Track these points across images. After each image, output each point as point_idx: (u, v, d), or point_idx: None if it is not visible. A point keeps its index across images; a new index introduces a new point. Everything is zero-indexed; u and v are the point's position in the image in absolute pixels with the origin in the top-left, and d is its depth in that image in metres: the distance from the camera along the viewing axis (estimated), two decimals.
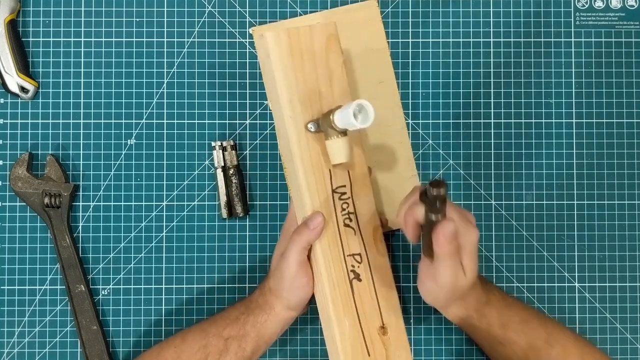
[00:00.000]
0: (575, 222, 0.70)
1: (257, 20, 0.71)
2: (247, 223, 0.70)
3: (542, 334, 0.60)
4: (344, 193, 0.61)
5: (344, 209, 0.61)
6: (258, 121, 0.70)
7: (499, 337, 0.60)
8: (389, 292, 0.63)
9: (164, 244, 0.70)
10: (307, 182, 0.59)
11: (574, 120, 0.71)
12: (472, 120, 0.71)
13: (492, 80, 0.71)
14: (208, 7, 0.71)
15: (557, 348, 0.60)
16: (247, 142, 0.70)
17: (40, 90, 0.70)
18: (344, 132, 0.58)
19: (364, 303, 0.60)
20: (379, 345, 0.61)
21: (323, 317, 0.61)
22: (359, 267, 0.61)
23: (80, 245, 0.70)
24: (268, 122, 0.70)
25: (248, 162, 0.70)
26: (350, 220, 0.61)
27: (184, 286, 0.70)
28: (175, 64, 0.71)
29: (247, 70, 0.70)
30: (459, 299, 0.58)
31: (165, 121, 0.70)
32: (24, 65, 0.69)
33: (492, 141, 0.71)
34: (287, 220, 0.64)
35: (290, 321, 0.62)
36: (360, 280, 0.61)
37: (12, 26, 0.69)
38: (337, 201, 0.61)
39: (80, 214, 0.70)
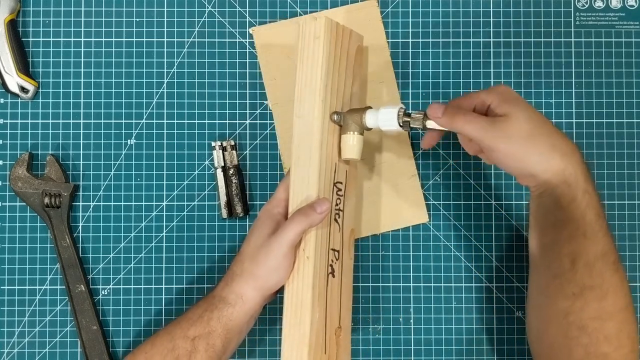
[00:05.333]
0: None
1: (257, 20, 0.71)
2: (247, 223, 0.70)
3: (614, 253, 0.55)
4: (340, 189, 0.62)
5: (337, 204, 0.62)
6: (258, 121, 0.70)
7: (588, 226, 0.54)
8: (348, 296, 0.64)
9: (164, 244, 0.70)
10: (320, 167, 0.59)
11: (574, 120, 0.71)
12: None
13: (492, 80, 0.71)
14: (208, 7, 0.71)
15: (619, 275, 0.55)
16: (247, 142, 0.70)
17: (40, 90, 0.70)
18: (361, 132, 0.61)
19: (332, 300, 0.61)
20: (333, 344, 0.61)
21: (293, 304, 0.59)
22: (335, 263, 0.62)
23: (80, 245, 0.70)
24: (268, 122, 0.70)
25: (248, 162, 0.70)
26: (339, 216, 0.62)
27: (184, 286, 0.70)
28: (175, 64, 0.71)
29: (247, 70, 0.70)
30: (550, 150, 0.55)
31: (165, 121, 0.70)
32: (24, 65, 0.69)
33: None
34: (271, 202, 0.62)
35: (259, 309, 0.61)
36: (334, 276, 0.61)
37: (12, 26, 0.69)
38: (334, 195, 0.61)
39: (80, 214, 0.70)
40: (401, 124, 0.60)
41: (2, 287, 0.69)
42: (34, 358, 0.69)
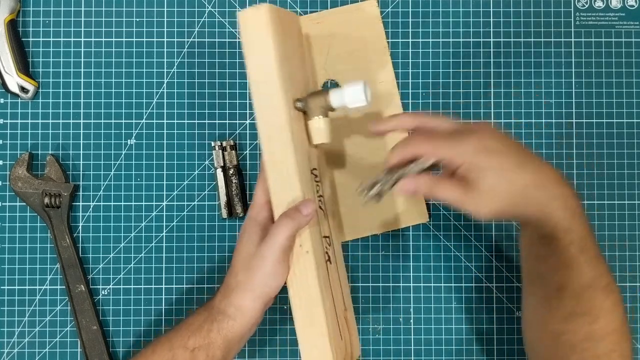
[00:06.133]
0: None
1: None
2: None
3: (605, 278, 0.55)
4: (317, 176, 0.62)
5: (317, 191, 0.61)
6: None
7: (571, 260, 0.54)
8: (344, 276, 0.64)
9: (164, 244, 0.70)
10: (296, 161, 0.57)
11: (574, 120, 0.71)
12: (472, 120, 0.71)
13: (492, 80, 0.71)
14: (208, 7, 0.71)
15: (611, 298, 0.55)
16: (247, 142, 0.70)
17: (40, 90, 0.70)
18: (326, 114, 0.60)
19: (335, 285, 0.61)
20: (345, 328, 0.61)
21: (302, 302, 0.58)
22: (329, 249, 0.61)
23: (80, 245, 0.70)
24: None
25: (248, 162, 0.70)
26: (322, 202, 0.62)
27: (184, 286, 0.70)
28: (175, 64, 0.71)
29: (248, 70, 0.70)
30: (528, 205, 0.54)
31: (165, 121, 0.70)
32: (24, 65, 0.69)
33: None
34: (253, 209, 0.60)
35: (261, 316, 0.59)
36: (330, 262, 0.61)
37: (12, 26, 0.69)
38: (313, 183, 0.61)
39: (80, 214, 0.70)
40: (371, 197, 0.57)
41: (2, 287, 0.69)
42: (34, 358, 0.69)
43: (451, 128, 0.57)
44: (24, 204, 0.69)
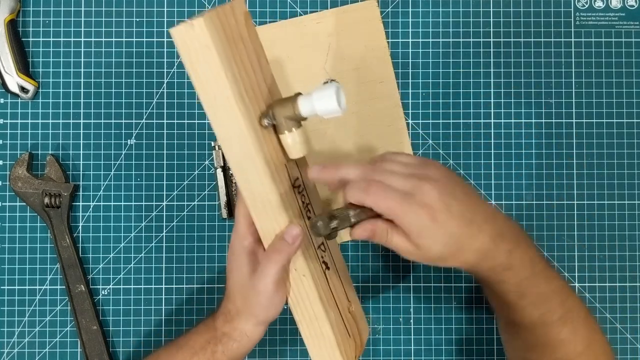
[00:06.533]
0: (575, 222, 0.70)
1: (257, 20, 0.71)
2: None
3: (558, 310, 0.56)
4: (299, 185, 0.57)
5: (303, 202, 0.58)
6: None
7: (513, 304, 0.55)
8: (345, 270, 0.63)
9: (164, 244, 0.70)
10: (276, 187, 0.52)
11: (574, 120, 0.71)
12: (472, 120, 0.71)
13: (492, 80, 0.71)
14: (208, 7, 0.71)
15: (568, 328, 0.56)
16: None
17: (40, 90, 0.70)
18: (298, 124, 0.53)
19: (336, 288, 0.60)
20: (351, 322, 0.61)
21: (306, 320, 0.58)
22: (325, 255, 0.60)
23: (80, 245, 0.70)
24: None
25: None
26: (309, 211, 0.58)
27: (184, 286, 0.70)
28: (175, 64, 0.71)
29: None
30: (464, 262, 0.53)
31: (165, 121, 0.70)
32: (24, 65, 0.69)
33: (492, 141, 0.71)
34: (236, 237, 0.57)
35: (262, 335, 0.59)
36: (329, 268, 0.60)
37: (12, 26, 0.69)
38: (297, 196, 0.56)
39: (80, 214, 0.70)
40: (326, 232, 0.52)
41: (2, 287, 0.69)
42: (34, 358, 0.69)
43: (402, 184, 0.52)
44: (24, 204, 0.69)
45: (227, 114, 0.49)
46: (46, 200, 0.68)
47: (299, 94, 0.52)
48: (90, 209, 0.70)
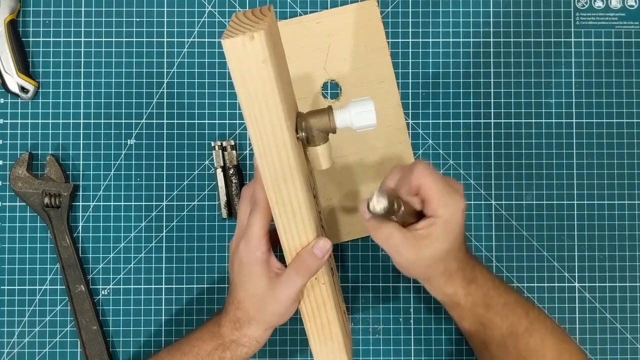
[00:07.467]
0: (575, 222, 0.70)
1: None
2: None
3: (523, 321, 0.58)
4: (315, 195, 0.58)
5: (319, 212, 0.58)
6: None
7: (481, 318, 0.58)
8: (334, 266, 0.64)
9: (164, 244, 0.70)
10: (309, 200, 0.52)
11: (574, 120, 0.71)
12: (472, 120, 0.71)
13: (492, 80, 0.71)
14: (208, 7, 0.71)
15: (535, 338, 0.58)
16: (247, 142, 0.70)
17: (40, 90, 0.70)
18: (327, 138, 0.53)
19: (337, 291, 0.61)
20: (346, 321, 0.62)
21: (317, 325, 0.58)
22: (332, 261, 0.61)
23: (80, 245, 0.70)
24: None
25: (248, 162, 0.70)
26: (321, 220, 0.60)
27: (184, 286, 0.70)
28: (175, 64, 0.71)
29: None
30: (443, 272, 0.56)
31: (165, 121, 0.70)
32: (24, 65, 0.69)
33: (492, 141, 0.71)
34: (250, 242, 0.55)
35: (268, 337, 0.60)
36: (334, 273, 0.61)
37: (12, 26, 0.69)
38: (317, 207, 0.57)
39: (80, 214, 0.70)
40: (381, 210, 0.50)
41: (2, 287, 0.69)
42: (34, 358, 0.69)
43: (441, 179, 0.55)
44: (24, 204, 0.69)
45: (272, 129, 0.47)
46: (46, 200, 0.68)
47: (331, 107, 0.52)
48: (90, 209, 0.70)
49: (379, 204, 0.49)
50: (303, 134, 0.51)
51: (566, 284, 0.70)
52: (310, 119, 0.52)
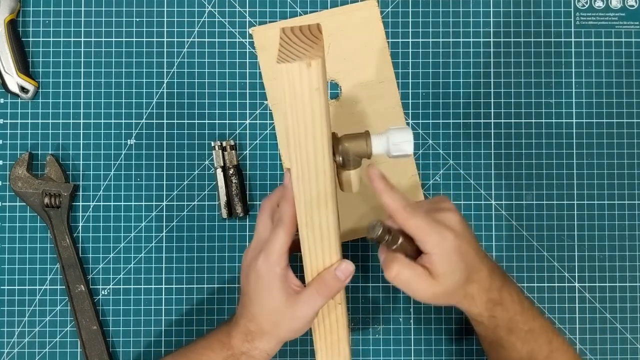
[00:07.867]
0: (575, 222, 0.70)
1: (257, 20, 0.71)
2: (247, 223, 0.70)
3: (544, 349, 0.58)
4: None
5: None
6: (258, 121, 0.70)
7: (503, 340, 0.58)
8: None
9: (164, 244, 0.70)
10: (336, 223, 0.52)
11: (574, 120, 0.71)
12: (472, 120, 0.71)
13: (492, 80, 0.71)
14: (208, 7, 0.71)
15: None
16: (247, 142, 0.70)
17: (40, 90, 0.70)
18: (360, 162, 0.53)
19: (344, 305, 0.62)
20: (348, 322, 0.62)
21: (327, 339, 0.59)
22: None
23: (80, 245, 0.70)
24: (268, 122, 0.70)
25: (248, 162, 0.70)
26: None
27: (184, 286, 0.70)
28: (175, 64, 0.71)
29: (247, 70, 0.70)
30: (464, 297, 0.56)
31: (165, 121, 0.70)
32: (24, 65, 0.69)
33: (492, 141, 0.71)
34: (270, 256, 0.54)
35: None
36: None
37: (12, 26, 0.69)
38: None
39: (80, 214, 0.70)
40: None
41: (2, 287, 0.69)
42: (34, 358, 0.69)
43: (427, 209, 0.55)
44: (24, 204, 0.69)
45: (315, 155, 0.48)
46: (46, 200, 0.68)
47: (368, 132, 0.52)
48: (90, 209, 0.70)
49: (373, 232, 0.52)
50: (340, 158, 0.51)
51: (566, 284, 0.70)
52: (346, 142, 0.51)
